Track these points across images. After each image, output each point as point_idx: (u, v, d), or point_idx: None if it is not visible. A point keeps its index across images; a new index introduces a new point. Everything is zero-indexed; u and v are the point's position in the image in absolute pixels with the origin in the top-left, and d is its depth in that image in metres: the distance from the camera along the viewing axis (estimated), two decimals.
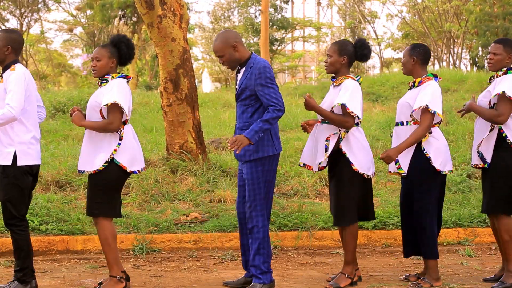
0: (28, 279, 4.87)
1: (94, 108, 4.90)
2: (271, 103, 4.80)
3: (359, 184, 5.15)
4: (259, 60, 4.90)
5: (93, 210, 4.90)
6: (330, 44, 5.37)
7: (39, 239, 6.36)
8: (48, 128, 11.05)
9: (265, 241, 4.89)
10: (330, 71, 5.26)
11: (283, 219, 6.94)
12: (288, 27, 32.66)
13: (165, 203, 7.39)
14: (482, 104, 5.21)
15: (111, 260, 4.91)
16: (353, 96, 5.07)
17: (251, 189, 4.88)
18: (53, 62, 35.41)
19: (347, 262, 5.22)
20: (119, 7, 26.05)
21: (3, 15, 31.44)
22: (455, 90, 15.32)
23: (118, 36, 5.07)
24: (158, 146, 9.44)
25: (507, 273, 5.17)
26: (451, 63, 30.42)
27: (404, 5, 34.33)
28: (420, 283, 5.17)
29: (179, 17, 8.17)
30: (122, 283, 4.92)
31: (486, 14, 24.91)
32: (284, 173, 8.39)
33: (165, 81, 8.15)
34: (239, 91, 4.93)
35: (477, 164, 5.23)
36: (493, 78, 5.26)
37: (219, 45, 4.91)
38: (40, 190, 7.55)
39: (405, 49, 5.36)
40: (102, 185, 4.87)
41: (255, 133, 4.75)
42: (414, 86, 5.26)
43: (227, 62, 4.93)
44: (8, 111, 4.64)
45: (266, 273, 4.91)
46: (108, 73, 4.96)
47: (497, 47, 5.21)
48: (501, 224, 5.15)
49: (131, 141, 4.95)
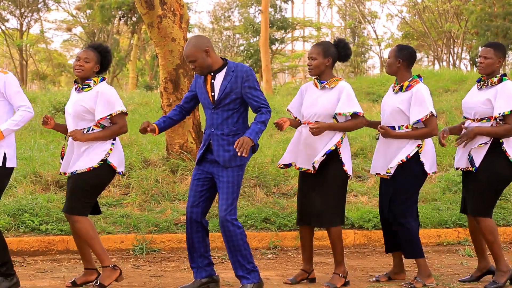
0: (11, 271, 4.88)
1: (80, 114, 4.94)
2: (261, 105, 4.81)
3: (345, 185, 5.22)
4: (242, 65, 4.92)
5: (79, 208, 4.89)
6: (312, 46, 5.33)
7: (39, 239, 6.36)
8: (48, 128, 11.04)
9: (244, 242, 4.89)
10: (314, 73, 5.24)
11: (283, 219, 6.95)
12: (287, 27, 32.68)
13: (165, 203, 7.39)
14: (480, 111, 5.18)
15: (99, 251, 4.93)
16: (354, 98, 5.16)
17: (230, 192, 4.85)
18: (53, 62, 35.44)
19: (338, 262, 5.23)
20: (118, 7, 26.06)
21: (3, 15, 31.46)
22: (455, 90, 15.32)
23: (105, 46, 5.19)
24: (158, 146, 9.44)
25: (498, 273, 5.21)
26: (451, 63, 30.45)
27: (404, 5, 34.40)
28: (413, 283, 5.18)
29: (179, 17, 8.17)
30: (117, 270, 4.96)
31: (487, 14, 24.92)
32: (284, 173, 8.39)
33: (165, 81, 8.16)
34: (222, 96, 4.84)
35: (466, 167, 5.22)
36: (486, 83, 5.26)
37: (191, 49, 4.79)
38: (40, 190, 7.54)
39: (391, 49, 5.37)
40: (92, 185, 4.90)
41: (256, 134, 4.76)
42: (402, 90, 5.26)
43: (199, 67, 4.83)
44: (26, 112, 4.83)
45: (253, 271, 4.92)
46: (89, 77, 5.02)
47: (487, 51, 5.23)
48: (484, 226, 5.16)
49: (118, 142, 5.08)
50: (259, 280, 4.94)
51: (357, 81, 19.24)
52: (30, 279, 5.42)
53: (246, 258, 4.89)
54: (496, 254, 5.19)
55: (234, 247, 4.86)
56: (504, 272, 5.18)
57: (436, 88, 15.46)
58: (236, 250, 4.87)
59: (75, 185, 4.93)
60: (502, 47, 5.28)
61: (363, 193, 7.98)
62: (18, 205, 6.76)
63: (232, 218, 4.83)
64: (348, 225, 7.02)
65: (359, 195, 7.93)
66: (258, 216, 7.01)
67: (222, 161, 4.87)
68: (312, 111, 5.18)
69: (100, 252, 4.93)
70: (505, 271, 5.18)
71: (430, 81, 16.74)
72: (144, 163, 8.19)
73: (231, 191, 4.86)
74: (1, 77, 4.83)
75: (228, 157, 4.86)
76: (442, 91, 15.28)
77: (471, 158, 5.16)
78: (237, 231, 4.84)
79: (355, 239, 6.87)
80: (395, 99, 5.28)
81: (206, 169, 4.98)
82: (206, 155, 4.97)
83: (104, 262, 4.94)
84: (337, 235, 5.19)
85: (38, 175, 7.79)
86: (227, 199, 4.85)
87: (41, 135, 10.51)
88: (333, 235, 5.19)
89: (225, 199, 4.85)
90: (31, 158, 8.39)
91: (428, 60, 38.42)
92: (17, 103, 4.83)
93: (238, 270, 4.92)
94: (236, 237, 4.84)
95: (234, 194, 4.87)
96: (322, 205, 5.14)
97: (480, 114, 5.19)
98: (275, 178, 8.18)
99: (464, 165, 5.23)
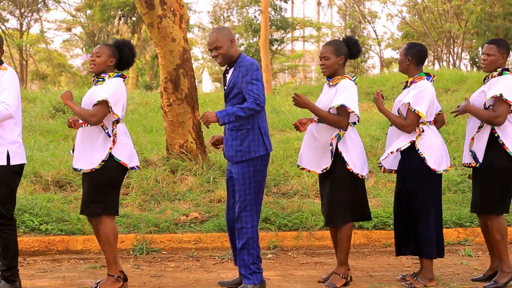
0: (15, 278, 4.87)
1: (89, 106, 4.91)
2: (252, 97, 4.78)
3: (353, 184, 5.17)
4: (248, 59, 4.93)
5: (96, 209, 4.89)
6: (323, 46, 5.32)
7: (39, 239, 6.35)
8: (48, 128, 11.04)
9: (254, 242, 4.88)
10: (328, 72, 5.23)
11: (283, 219, 6.94)
12: (287, 28, 32.64)
13: (165, 203, 7.39)
14: (476, 104, 5.23)
15: (111, 259, 4.92)
16: (351, 95, 5.09)
17: (242, 189, 4.86)
18: (53, 62, 35.40)
19: (341, 262, 5.22)
20: (118, 6, 26.04)
21: (3, 15, 31.45)
22: (455, 90, 15.32)
23: (123, 40, 5.15)
24: (158, 146, 9.44)
25: (500, 273, 5.20)
26: (451, 63, 30.43)
27: (404, 5, 34.36)
28: (413, 283, 5.18)
29: (179, 17, 8.17)
30: (120, 282, 4.93)
31: (487, 14, 24.90)
32: (284, 173, 8.39)
33: (165, 81, 8.15)
34: (228, 90, 4.94)
35: (469, 163, 5.25)
36: (488, 78, 5.28)
37: (218, 35, 4.90)
38: (40, 190, 7.54)
39: (402, 48, 5.41)
40: (103, 184, 4.87)
41: (227, 115, 4.71)
42: (407, 85, 5.32)
43: (223, 56, 4.90)
44: (4, 108, 4.63)
45: (256, 273, 4.91)
46: (105, 71, 4.99)
47: (490, 48, 5.24)
48: (493, 224, 5.17)
49: (125, 138, 4.98)
50: (261, 282, 4.94)
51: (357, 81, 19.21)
52: (30, 279, 5.42)
53: (252, 259, 4.88)
54: (501, 254, 5.18)
55: (243, 245, 4.86)
56: (506, 273, 5.18)
57: (436, 88, 15.31)
58: (244, 248, 4.87)
59: (87, 185, 4.92)
60: (505, 43, 5.28)
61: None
62: (18, 205, 6.74)
63: (246, 215, 4.83)
64: None
65: None
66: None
67: (227, 156, 4.94)
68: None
69: (111, 260, 4.92)
70: (507, 272, 5.18)
71: None
72: (144, 163, 8.19)
73: (242, 188, 4.86)
74: (0, 73, 4.79)
75: (232, 152, 4.88)
76: (442, 91, 15.28)
77: (474, 154, 5.17)
78: (249, 229, 4.84)
79: (355, 239, 6.86)
80: (401, 95, 5.36)
81: (229, 167, 5.05)
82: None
83: (111, 270, 4.93)
84: (345, 234, 5.17)
85: (38, 175, 7.79)
86: (240, 196, 4.87)
87: (41, 135, 10.51)
88: (340, 234, 5.19)
89: (238, 196, 4.88)
90: (31, 158, 8.38)
91: (428, 60, 38.45)
92: (2, 99, 4.65)
93: (241, 269, 4.93)
94: (248, 235, 4.84)
95: (247, 191, 4.85)
96: (328, 206, 5.17)
97: (476, 106, 5.22)
98: (275, 178, 8.18)
99: (468, 160, 5.26)
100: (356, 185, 5.19)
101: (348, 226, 5.19)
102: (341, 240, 5.19)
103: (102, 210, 4.89)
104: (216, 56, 4.90)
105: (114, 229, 4.94)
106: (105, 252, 4.95)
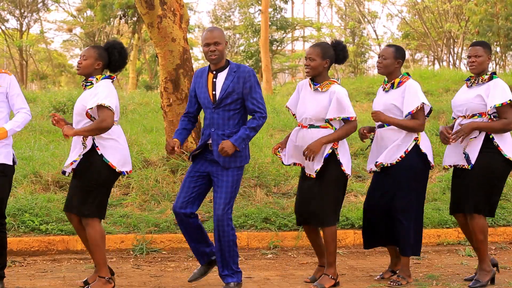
0: (3, 274, 4.99)
1: (81, 113, 4.88)
2: (257, 109, 4.88)
3: (344, 185, 5.22)
4: (244, 66, 5.02)
5: (83, 210, 4.86)
6: (310, 47, 5.30)
7: (39, 239, 6.36)
8: (48, 128, 11.03)
9: (234, 243, 4.97)
10: (312, 74, 5.21)
11: (283, 219, 6.94)
12: (287, 28, 32.66)
13: (165, 203, 7.39)
14: (473, 107, 5.21)
15: (100, 261, 4.90)
16: (346, 102, 5.11)
17: (229, 192, 4.91)
18: (53, 62, 35.42)
19: (330, 263, 5.21)
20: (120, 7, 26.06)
21: (3, 15, 31.46)
22: (455, 90, 15.26)
23: (113, 42, 5.10)
24: (158, 146, 9.43)
25: (481, 272, 5.26)
26: (451, 63, 30.44)
27: (404, 5, 34.38)
28: (399, 281, 5.22)
29: (179, 17, 8.17)
30: (111, 284, 4.92)
31: (489, 14, 24.89)
32: (284, 173, 8.39)
33: (165, 81, 8.15)
34: (224, 95, 4.89)
35: (462, 164, 5.23)
36: (476, 81, 5.28)
37: (219, 33, 4.97)
38: (40, 190, 7.54)
39: (388, 51, 5.37)
40: (93, 185, 4.84)
41: (243, 141, 4.86)
42: (393, 87, 5.31)
43: (220, 52, 4.91)
44: (27, 115, 4.93)
45: (237, 272, 5.02)
46: (92, 74, 4.95)
47: (477, 49, 5.27)
48: (477, 224, 5.19)
49: (120, 140, 4.93)
50: (241, 281, 5.05)
51: (357, 81, 19.24)
52: (30, 279, 5.42)
53: (232, 259, 4.97)
54: (482, 253, 5.25)
55: (225, 246, 4.92)
56: (487, 272, 5.25)
57: (436, 88, 15.46)
58: (225, 249, 4.93)
59: (76, 185, 4.90)
60: (488, 45, 5.37)
61: (363, 193, 7.96)
62: (18, 205, 6.76)
63: (229, 217, 4.91)
64: (348, 225, 7.02)
65: (359, 195, 7.93)
66: (258, 216, 7.01)
67: (223, 162, 4.91)
68: (303, 114, 5.19)
69: (100, 262, 4.90)
70: (488, 271, 5.26)
71: (430, 81, 16.77)
72: (144, 163, 8.19)
73: (230, 190, 4.91)
74: (7, 77, 4.89)
75: (228, 159, 4.88)
76: (442, 91, 15.28)
77: (467, 156, 5.17)
78: (231, 231, 4.93)
79: (355, 239, 6.86)
80: (387, 97, 5.34)
81: (203, 168, 5.02)
82: (205, 154, 5.00)
83: (101, 272, 4.91)
84: (330, 235, 5.16)
85: (38, 175, 7.79)
86: (226, 198, 4.90)
87: (41, 135, 10.50)
88: (327, 235, 5.17)
89: (224, 198, 4.90)
90: (31, 158, 8.39)
91: (428, 60, 38.44)
92: (19, 105, 4.90)
93: (224, 269, 5.00)
94: (229, 237, 4.92)
95: (233, 194, 4.93)
96: (318, 206, 5.13)
97: (471, 110, 5.23)
98: (275, 178, 8.18)
99: (456, 162, 5.26)
100: (345, 186, 5.25)
101: (335, 226, 5.21)
102: (328, 241, 5.17)
103: (89, 212, 4.85)
104: (214, 51, 4.90)
105: (102, 231, 4.91)
106: (94, 254, 4.91)
